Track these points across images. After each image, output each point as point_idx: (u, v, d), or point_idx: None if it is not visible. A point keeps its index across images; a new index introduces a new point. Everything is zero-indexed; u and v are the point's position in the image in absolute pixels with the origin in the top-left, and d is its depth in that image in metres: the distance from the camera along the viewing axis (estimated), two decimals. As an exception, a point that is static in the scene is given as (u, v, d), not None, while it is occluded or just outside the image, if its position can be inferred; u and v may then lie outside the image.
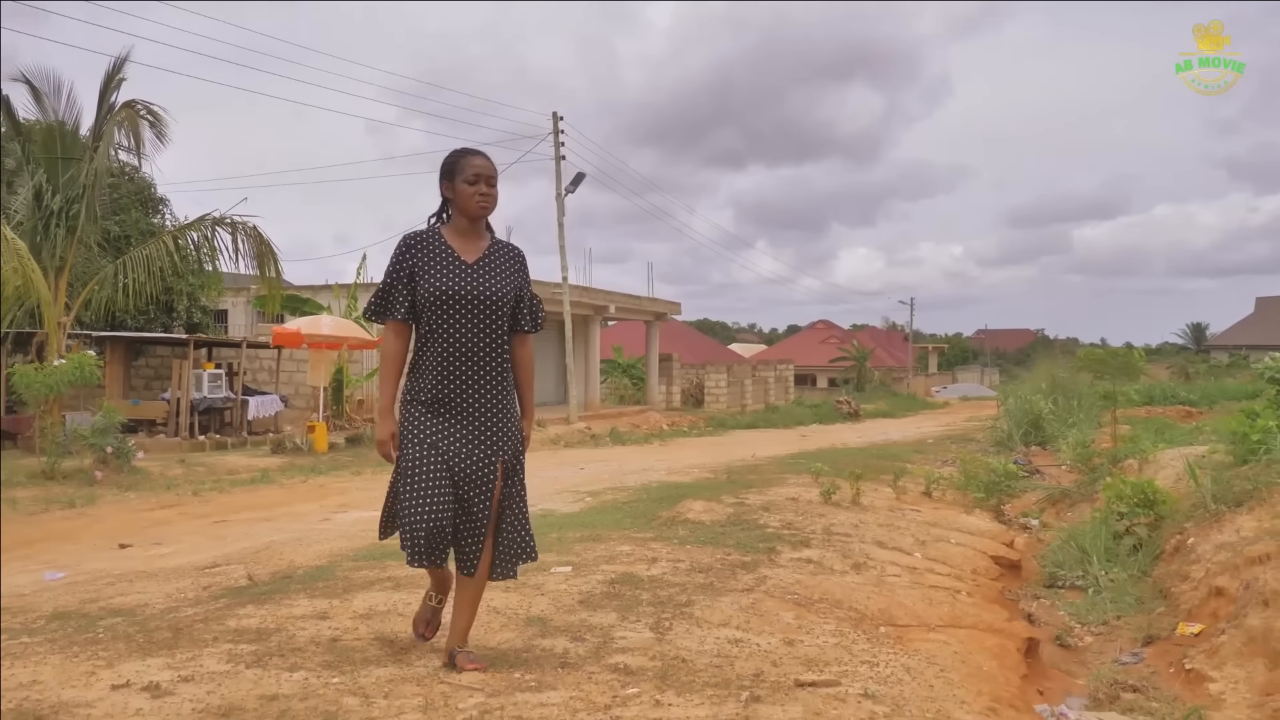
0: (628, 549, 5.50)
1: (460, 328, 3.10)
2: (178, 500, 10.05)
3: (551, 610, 4.02)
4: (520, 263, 3.30)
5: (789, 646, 3.57)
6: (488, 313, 3.12)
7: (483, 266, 3.17)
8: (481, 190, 3.16)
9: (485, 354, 3.12)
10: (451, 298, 3.09)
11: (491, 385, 3.14)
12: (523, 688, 2.83)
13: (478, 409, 3.12)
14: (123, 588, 5.08)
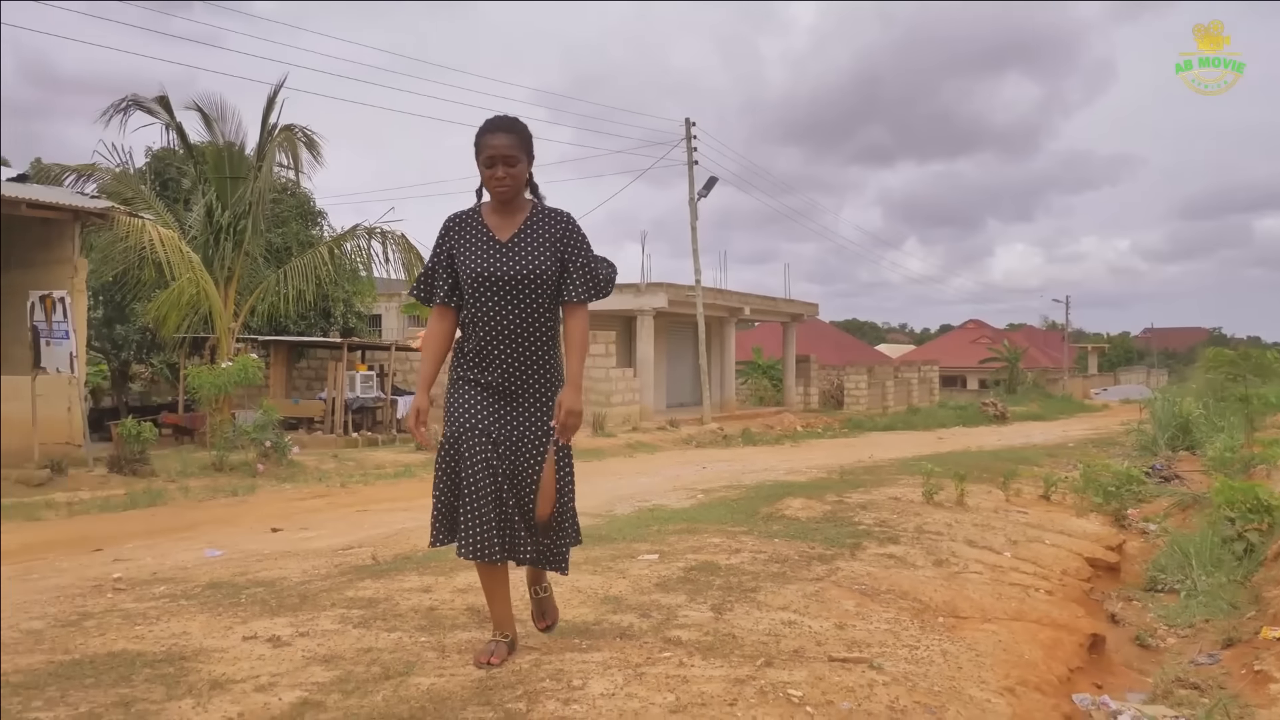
0: (718, 540, 5.83)
1: (496, 309, 2.99)
2: (327, 491, 10.95)
3: (628, 591, 4.40)
4: (563, 230, 3.09)
5: (839, 630, 3.83)
6: (523, 292, 2.99)
7: (518, 243, 3.03)
8: (498, 174, 2.98)
9: (525, 334, 3.00)
10: (485, 279, 2.98)
11: (534, 366, 3.03)
12: (574, 649, 3.23)
13: (521, 391, 3.02)
14: (268, 564, 5.75)
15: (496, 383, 3.03)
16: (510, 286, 2.99)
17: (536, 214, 3.09)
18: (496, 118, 3.07)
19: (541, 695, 2.66)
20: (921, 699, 2.75)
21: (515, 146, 2.99)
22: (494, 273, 2.99)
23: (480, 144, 3.00)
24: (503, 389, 3.03)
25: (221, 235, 16.44)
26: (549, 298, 3.04)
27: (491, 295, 2.99)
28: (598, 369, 21.48)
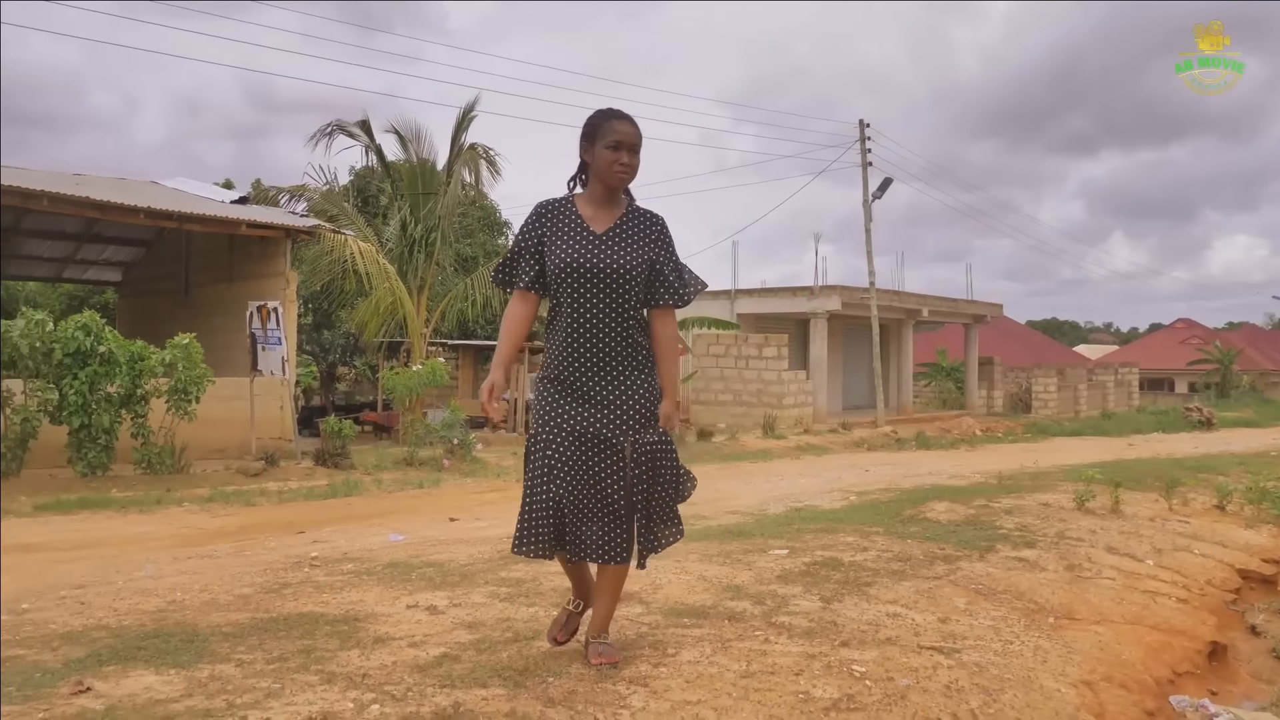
0: (850, 539, 6.09)
1: (587, 302, 2.96)
2: (503, 485, 11.77)
3: (750, 581, 4.75)
4: (657, 231, 3.10)
5: (941, 623, 4.06)
6: (616, 286, 2.96)
7: (613, 237, 3.01)
8: (623, 160, 2.99)
9: (613, 329, 2.97)
10: (577, 270, 2.95)
11: (620, 363, 3.00)
12: (681, 626, 3.63)
13: (605, 387, 2.99)
14: (440, 549, 6.43)
15: (581, 378, 2.99)
16: (602, 279, 2.95)
17: (632, 212, 3.09)
18: (613, 108, 3.08)
19: (637, 659, 3.08)
20: (982, 682, 3.00)
21: (638, 138, 3.03)
22: (589, 264, 2.95)
23: (605, 128, 3.00)
24: (587, 384, 2.99)
25: (415, 247, 17.76)
26: (639, 295, 3.02)
27: (584, 287, 2.96)
28: (769, 371, 21.73)
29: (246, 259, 15.51)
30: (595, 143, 3.02)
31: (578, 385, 3.00)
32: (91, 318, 11.07)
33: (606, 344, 2.98)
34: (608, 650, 3.09)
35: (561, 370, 3.03)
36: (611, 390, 3.00)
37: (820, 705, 2.68)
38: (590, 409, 2.99)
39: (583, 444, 2.99)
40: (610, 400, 3.00)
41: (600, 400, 3.00)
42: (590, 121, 3.06)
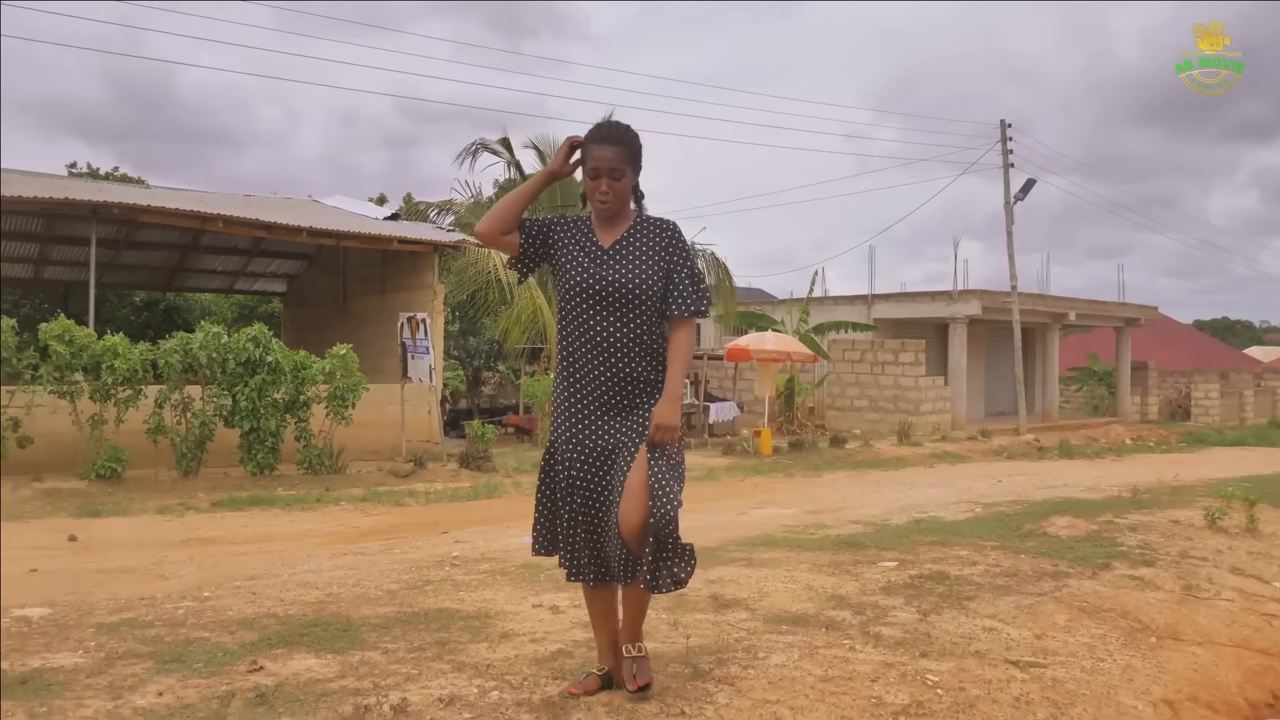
0: (963, 553, 6.21)
1: (598, 321, 2.90)
2: (635, 490, 12.21)
3: (854, 591, 4.98)
4: (668, 240, 2.98)
5: (1036, 639, 4.21)
6: (626, 303, 2.89)
7: (619, 251, 2.93)
8: (601, 189, 2.91)
9: (627, 348, 2.90)
10: (583, 290, 2.90)
11: (640, 379, 2.92)
12: (777, 633, 3.92)
13: (625, 404, 2.92)
14: (569, 551, 6.88)
15: (594, 398, 2.92)
16: (610, 297, 2.89)
17: (641, 222, 3.00)
18: (606, 125, 3.00)
19: (729, 660, 3.40)
20: (1054, 696, 3.18)
21: (621, 159, 2.91)
22: (594, 283, 2.89)
23: (586, 153, 2.92)
24: (602, 403, 2.92)
25: (553, 258, 18.43)
26: (651, 310, 2.92)
27: (590, 306, 2.90)
28: (906, 377, 21.54)
29: (398, 272, 16.48)
30: (586, 167, 2.96)
31: (594, 400, 2.92)
32: (260, 330, 12.08)
33: (621, 363, 2.89)
34: (643, 669, 3.00)
35: (577, 388, 2.95)
36: (632, 406, 2.92)
37: (890, 710, 2.94)
38: (611, 426, 2.92)
39: (600, 459, 2.93)
40: (631, 416, 2.91)
41: (621, 415, 2.92)
42: (582, 143, 2.97)
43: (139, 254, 19.11)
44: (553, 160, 3.04)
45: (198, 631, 4.23)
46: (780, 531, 7.94)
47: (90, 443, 11.07)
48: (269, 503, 10.40)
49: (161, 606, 4.98)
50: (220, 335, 11.76)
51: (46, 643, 4.05)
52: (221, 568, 6.54)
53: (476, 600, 4.78)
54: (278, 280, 22.59)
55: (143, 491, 10.69)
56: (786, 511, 9.86)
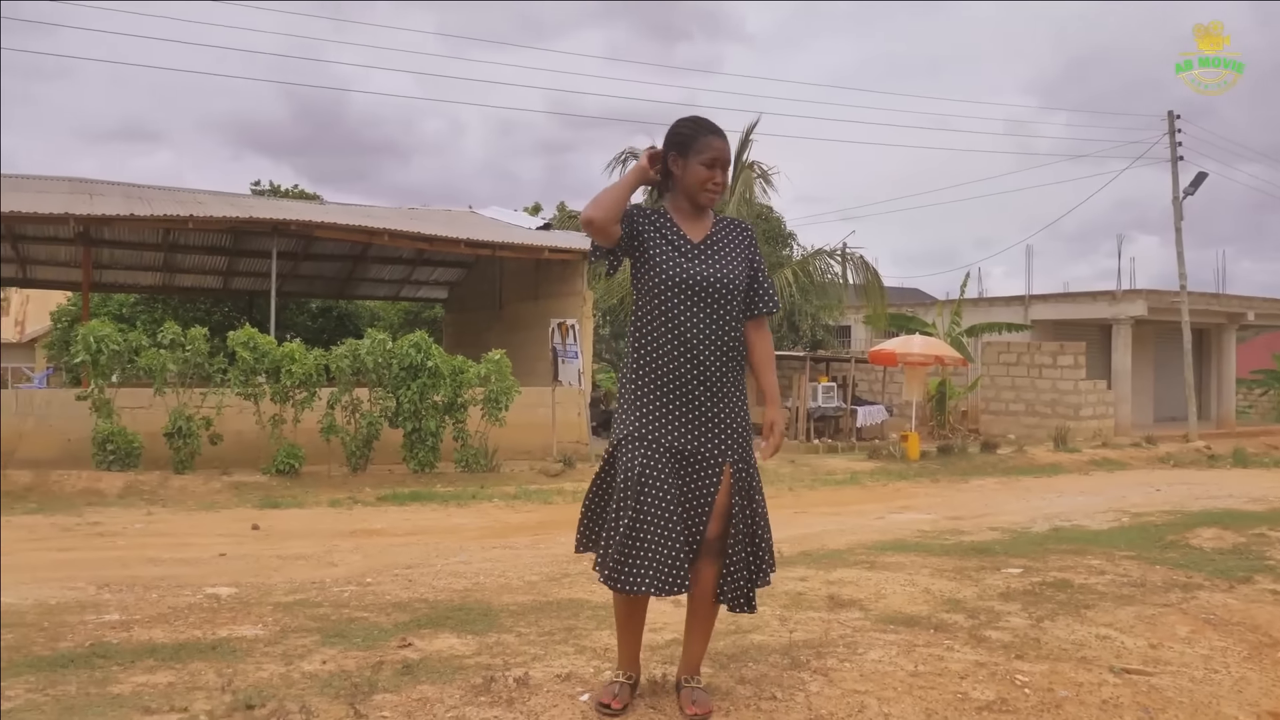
0: (1095, 562, 6.17)
1: (689, 314, 2.86)
2: (775, 493, 12.35)
3: (972, 596, 5.08)
4: (750, 240, 3.05)
5: (1151, 649, 4.23)
6: (718, 298, 2.89)
7: (710, 246, 2.96)
8: (716, 178, 2.94)
9: (715, 342, 2.88)
10: (680, 282, 2.87)
11: (722, 378, 2.90)
12: (883, 631, 4.10)
13: (706, 404, 2.88)
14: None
15: (676, 393, 2.87)
16: (705, 291, 2.88)
17: (722, 221, 3.06)
18: (705, 119, 3.00)
19: (828, 654, 3.62)
20: (1145, 701, 3.26)
21: (730, 155, 2.99)
22: (691, 276, 2.88)
23: (701, 142, 2.92)
24: (684, 399, 2.87)
25: (699, 263, 18.79)
26: (737, 306, 2.95)
27: (683, 299, 2.87)
28: (1065, 381, 20.84)
29: (549, 279, 17.16)
30: (689, 155, 2.93)
31: (679, 399, 2.87)
32: (422, 337, 12.88)
33: (708, 357, 2.87)
34: (702, 698, 2.94)
35: (661, 385, 2.88)
36: (713, 406, 2.89)
37: (974, 705, 3.10)
38: (690, 425, 2.87)
39: (679, 461, 2.86)
40: (712, 416, 2.89)
41: (701, 416, 2.88)
42: (682, 132, 2.96)
43: (315, 265, 20.54)
44: (642, 159, 2.96)
45: (359, 612, 4.75)
46: (914, 537, 8.01)
47: (271, 440, 12.09)
48: (428, 498, 11.12)
49: (329, 589, 5.56)
50: (385, 341, 12.62)
51: (232, 616, 4.64)
52: (383, 557, 7.15)
53: (607, 592, 5.13)
54: (440, 288, 23.80)
55: (316, 486, 11.61)
56: (925, 517, 9.86)
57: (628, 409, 2.94)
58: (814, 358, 20.65)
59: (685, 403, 2.87)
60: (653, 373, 2.89)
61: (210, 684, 3.27)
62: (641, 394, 2.91)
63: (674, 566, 2.74)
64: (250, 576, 6.17)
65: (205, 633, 4.24)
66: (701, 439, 2.87)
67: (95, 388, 11.48)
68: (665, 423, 2.87)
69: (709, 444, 2.88)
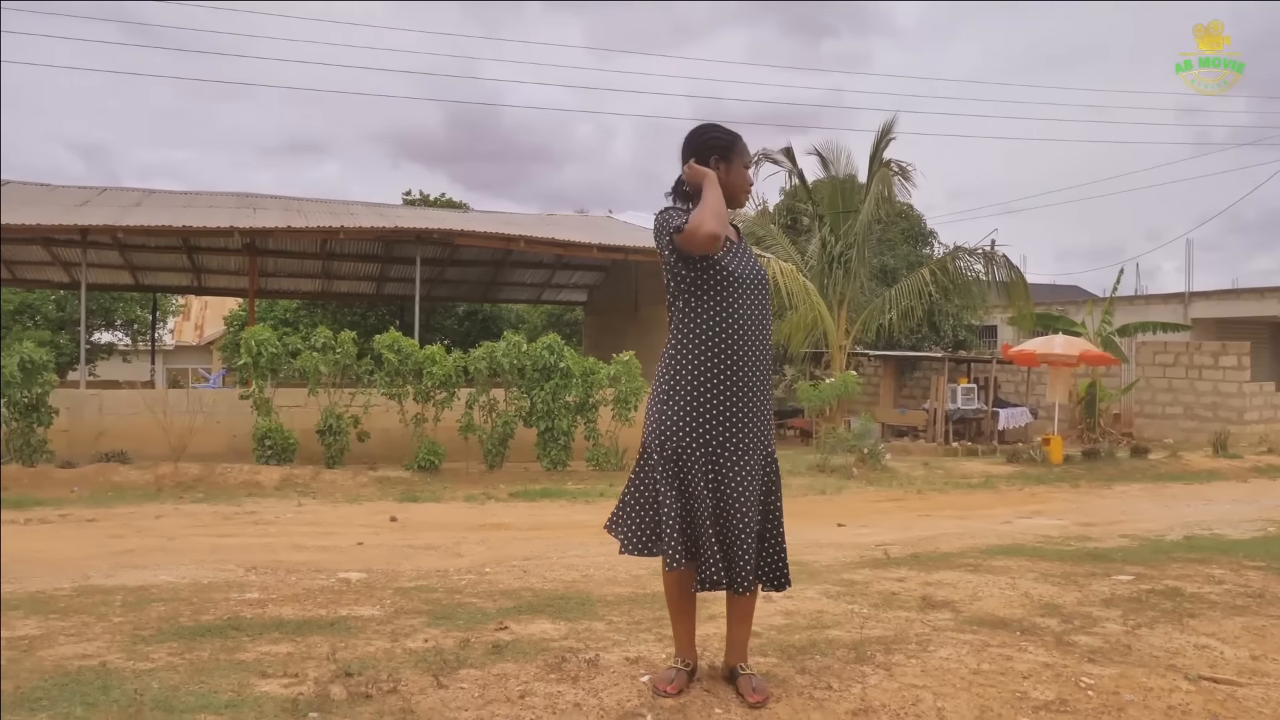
0: (1218, 571, 5.95)
1: (743, 308, 2.97)
2: (903, 495, 12.26)
3: (1072, 601, 5.02)
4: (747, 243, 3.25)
5: (1251, 660, 4.10)
6: (765, 291, 3.09)
7: (742, 245, 3.14)
8: (751, 181, 3.17)
9: (762, 336, 3.04)
10: (740, 278, 2.99)
11: (765, 371, 3.04)
12: (962, 631, 4.14)
13: (754, 396, 2.99)
14: (811, 550, 7.22)
15: (735, 386, 2.95)
16: (755, 286, 3.05)
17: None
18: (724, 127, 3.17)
19: (898, 650, 3.70)
20: (1217, 709, 3.21)
21: None
22: (745, 272, 3.02)
23: (741, 147, 3.10)
24: (739, 393, 2.96)
25: (833, 264, 18.68)
26: None
27: (740, 294, 2.98)
28: (1227, 383, 19.72)
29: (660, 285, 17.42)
30: (733, 159, 3.08)
31: (728, 391, 2.95)
32: (554, 340, 13.35)
33: (757, 351, 3.01)
34: (761, 685, 3.06)
35: (712, 377, 2.94)
36: (759, 396, 3.01)
37: (1032, 704, 3.14)
38: (737, 418, 2.95)
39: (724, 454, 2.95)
40: (757, 409, 3.01)
41: (749, 410, 2.97)
42: (720, 137, 3.10)
43: (459, 270, 21.44)
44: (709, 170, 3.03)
45: (469, 598, 5.09)
46: (1035, 542, 7.85)
47: (414, 438, 12.79)
48: (558, 495, 11.54)
49: (449, 577, 5.95)
50: (520, 344, 13.14)
51: (355, 598, 5.06)
52: (505, 549, 7.54)
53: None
54: (579, 290, 24.43)
55: (454, 481, 12.21)
56: (1054, 522, 9.61)
57: (673, 404, 2.99)
58: (952, 358, 20.19)
59: (755, 400, 3.00)
60: (715, 370, 2.94)
61: (322, 655, 3.64)
62: (700, 393, 2.95)
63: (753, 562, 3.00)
64: (381, 564, 6.63)
65: (329, 611, 4.65)
66: (748, 430, 2.98)
67: (256, 388, 12.41)
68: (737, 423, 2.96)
69: (751, 435, 3.00)
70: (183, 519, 9.14)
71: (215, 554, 7.04)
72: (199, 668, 3.45)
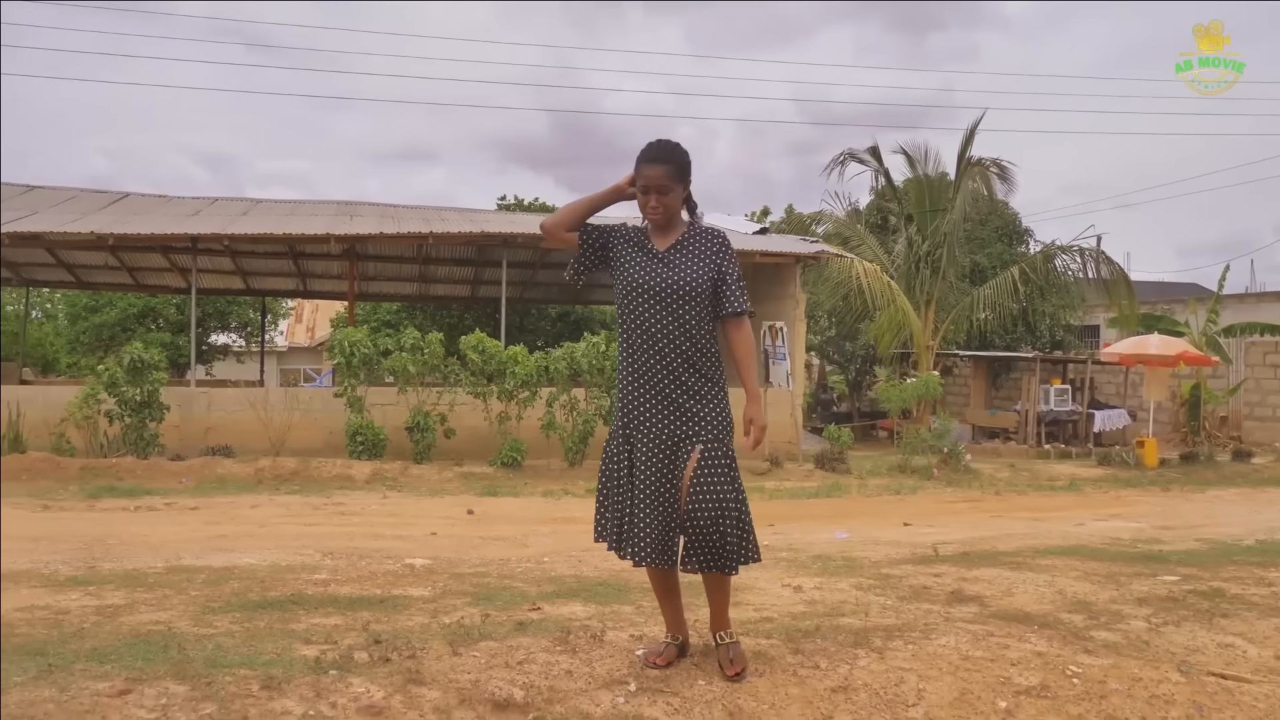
0: (1273, 575, 5.85)
1: (652, 319, 3.18)
2: (980, 497, 12.16)
3: (1106, 600, 5.03)
4: (718, 246, 3.29)
5: (1275, 659, 4.10)
6: (677, 302, 3.16)
7: (673, 254, 3.23)
8: (651, 204, 3.22)
9: (678, 342, 3.16)
10: (642, 288, 3.19)
11: (689, 374, 3.18)
12: (973, 622, 4.24)
13: (678, 397, 3.17)
14: (866, 547, 7.33)
15: (652, 387, 3.20)
16: (666, 296, 3.17)
17: (692, 231, 3.31)
18: (654, 146, 3.27)
19: (898, 637, 3.83)
20: (1204, 701, 3.24)
21: (668, 176, 3.22)
22: (651, 282, 3.19)
23: (638, 172, 3.24)
24: (659, 393, 3.19)
25: (920, 263, 18.53)
26: (702, 310, 3.21)
27: (649, 305, 3.19)
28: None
29: (765, 282, 17.52)
30: (636, 182, 3.27)
31: (650, 396, 3.20)
32: (632, 339, 13.65)
33: (673, 356, 3.17)
34: (738, 655, 3.28)
35: (635, 386, 3.24)
36: (683, 399, 3.18)
37: (1014, 689, 3.26)
38: (665, 417, 3.18)
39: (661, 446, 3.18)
40: (682, 408, 3.18)
41: (673, 408, 3.18)
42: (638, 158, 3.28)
43: (550, 273, 21.90)
44: (622, 180, 3.34)
45: (516, 583, 5.40)
46: (1102, 544, 7.78)
47: (498, 435, 13.25)
48: (634, 492, 11.81)
49: (507, 565, 6.28)
50: (599, 345, 13.48)
51: (412, 582, 5.42)
52: (569, 541, 7.84)
53: (742, 578, 5.52)
54: (669, 292, 24.69)
55: (535, 478, 12.62)
56: (1130, 525, 9.45)
57: (619, 404, 3.36)
58: (1045, 358, 19.77)
59: (659, 397, 3.19)
60: (631, 371, 3.26)
61: (361, 626, 3.99)
62: (627, 389, 3.29)
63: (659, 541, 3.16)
64: (449, 552, 7.01)
65: (383, 591, 5.02)
66: (675, 426, 3.18)
67: (349, 386, 13.05)
68: (644, 416, 3.22)
69: (681, 430, 3.17)
70: (275, 509, 9.73)
71: (298, 540, 7.53)
72: (253, 634, 3.83)
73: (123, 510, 9.49)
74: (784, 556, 6.70)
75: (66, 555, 6.36)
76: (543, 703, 2.96)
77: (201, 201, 18.87)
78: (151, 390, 12.54)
